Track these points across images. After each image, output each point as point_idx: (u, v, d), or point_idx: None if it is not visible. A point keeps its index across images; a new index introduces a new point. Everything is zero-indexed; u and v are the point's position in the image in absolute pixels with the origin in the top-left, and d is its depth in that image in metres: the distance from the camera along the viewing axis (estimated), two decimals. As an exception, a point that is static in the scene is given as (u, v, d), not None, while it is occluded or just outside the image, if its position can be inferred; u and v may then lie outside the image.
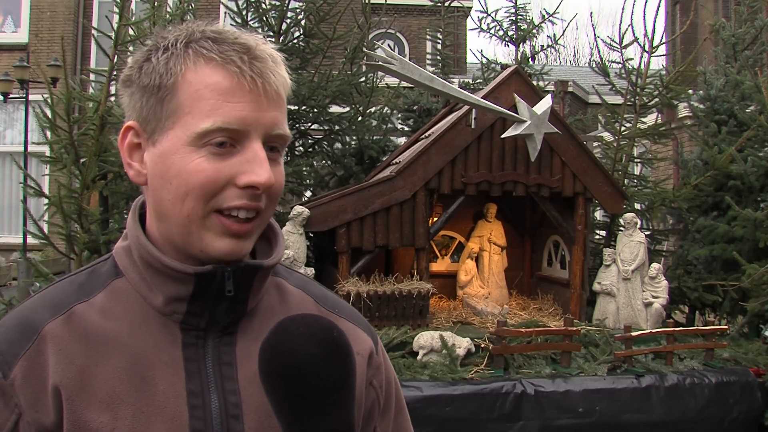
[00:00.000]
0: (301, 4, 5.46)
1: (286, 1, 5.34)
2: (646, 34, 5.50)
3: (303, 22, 5.45)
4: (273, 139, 0.85)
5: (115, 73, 4.54)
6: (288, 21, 5.37)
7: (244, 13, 5.32)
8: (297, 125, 5.69)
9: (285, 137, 0.87)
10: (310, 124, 5.72)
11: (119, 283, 0.89)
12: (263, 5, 5.30)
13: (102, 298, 0.88)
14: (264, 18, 5.31)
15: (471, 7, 11.22)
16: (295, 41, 5.48)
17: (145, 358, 0.84)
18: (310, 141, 5.88)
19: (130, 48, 4.69)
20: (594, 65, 6.08)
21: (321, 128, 5.86)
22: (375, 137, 5.99)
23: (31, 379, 0.81)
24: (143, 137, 0.86)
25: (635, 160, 6.01)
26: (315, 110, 5.47)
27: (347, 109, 5.78)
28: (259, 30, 5.33)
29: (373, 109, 6.00)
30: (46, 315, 0.85)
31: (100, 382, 0.82)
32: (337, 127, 5.78)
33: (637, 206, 5.72)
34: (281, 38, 5.34)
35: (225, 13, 6.06)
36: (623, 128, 5.64)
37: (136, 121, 0.87)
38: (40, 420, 0.80)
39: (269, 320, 0.92)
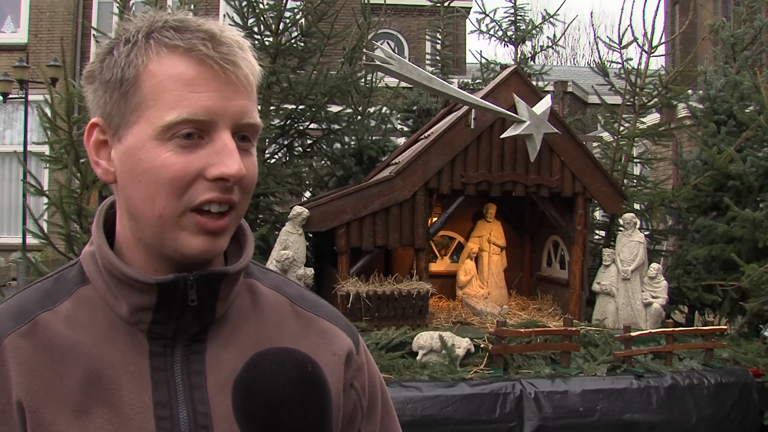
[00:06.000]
0: (298, 3, 5.45)
1: (284, 1, 5.33)
2: (645, 34, 5.50)
3: (301, 22, 5.44)
4: (242, 129, 0.82)
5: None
6: (286, 21, 5.35)
7: (245, 11, 5.31)
8: (295, 125, 5.68)
9: (255, 126, 0.83)
10: (308, 123, 5.71)
11: (85, 290, 0.86)
12: (261, 5, 5.29)
13: (67, 306, 0.85)
14: (262, 18, 5.30)
15: (470, 8, 11.21)
16: (293, 41, 5.47)
17: (110, 369, 0.82)
18: (308, 141, 5.87)
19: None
20: (593, 65, 6.08)
21: (319, 127, 5.85)
22: (374, 137, 5.99)
23: None
24: (109, 133, 0.83)
25: (635, 161, 6.01)
26: (312, 108, 5.45)
27: (346, 108, 5.77)
28: (256, 30, 5.32)
29: (372, 110, 6.00)
30: (9, 324, 0.82)
31: (66, 394, 0.80)
32: (335, 126, 5.77)
33: (637, 206, 5.72)
34: (279, 38, 5.33)
35: (225, 15, 6.06)
36: (622, 128, 5.64)
37: (101, 117, 0.83)
38: None
39: (240, 326, 0.90)
